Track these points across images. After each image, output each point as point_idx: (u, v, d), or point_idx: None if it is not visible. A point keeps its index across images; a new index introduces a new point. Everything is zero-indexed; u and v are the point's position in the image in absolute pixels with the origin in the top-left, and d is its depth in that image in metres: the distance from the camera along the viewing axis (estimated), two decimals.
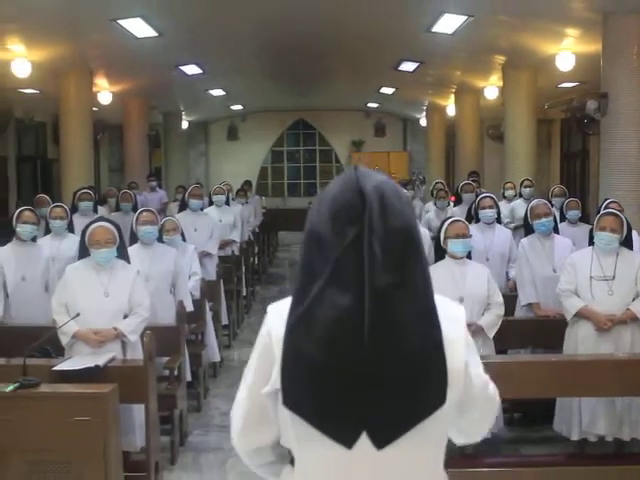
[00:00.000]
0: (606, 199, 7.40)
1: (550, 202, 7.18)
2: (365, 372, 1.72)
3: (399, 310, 1.73)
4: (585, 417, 5.28)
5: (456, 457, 5.25)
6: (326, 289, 1.74)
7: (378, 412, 1.75)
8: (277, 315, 1.87)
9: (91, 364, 4.64)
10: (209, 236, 9.13)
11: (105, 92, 16.05)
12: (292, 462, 1.91)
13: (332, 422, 1.77)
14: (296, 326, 1.77)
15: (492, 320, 5.33)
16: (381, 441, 1.76)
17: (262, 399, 1.86)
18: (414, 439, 1.77)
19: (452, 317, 1.87)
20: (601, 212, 5.63)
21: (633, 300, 5.33)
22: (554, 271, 6.23)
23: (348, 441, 1.76)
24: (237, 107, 24.06)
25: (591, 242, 5.63)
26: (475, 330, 5.24)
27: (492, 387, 2.05)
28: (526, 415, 6.25)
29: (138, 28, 10.43)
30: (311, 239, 1.81)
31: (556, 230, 6.70)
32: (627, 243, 5.50)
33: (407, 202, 1.85)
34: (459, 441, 2.06)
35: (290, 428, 1.83)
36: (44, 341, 4.78)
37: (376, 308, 1.71)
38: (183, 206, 9.77)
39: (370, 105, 24.13)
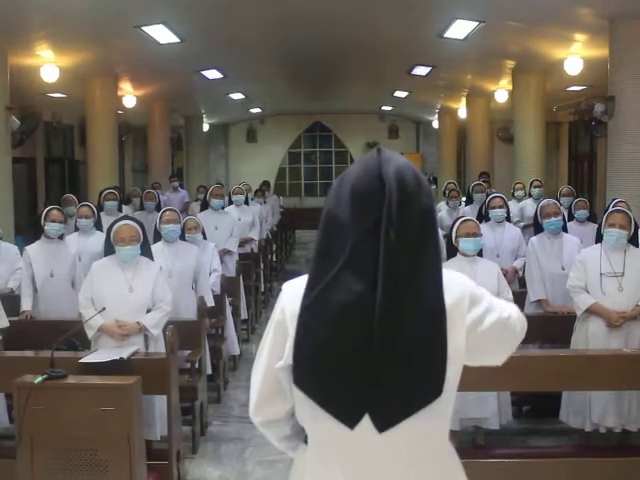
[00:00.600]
0: (614, 199, 7.36)
1: (559, 202, 7.14)
2: (371, 357, 1.72)
3: (408, 299, 1.73)
4: (595, 410, 5.25)
5: (467, 448, 5.26)
6: (341, 274, 1.73)
7: (380, 397, 1.75)
8: (291, 293, 1.87)
9: (116, 357, 4.66)
10: (229, 234, 9.14)
11: (129, 96, 16.10)
12: (306, 440, 1.92)
13: (336, 403, 1.77)
14: (309, 308, 1.77)
15: None
16: (382, 425, 1.77)
17: (276, 373, 1.87)
18: (415, 421, 1.77)
19: (456, 297, 1.84)
20: (609, 211, 5.59)
21: None
22: (562, 269, 6.20)
23: (350, 422, 1.77)
24: (256, 110, 24.07)
25: (598, 240, 5.61)
26: None
27: (513, 321, 1.97)
28: (534, 408, 6.23)
29: (161, 34, 10.46)
30: (329, 223, 1.80)
31: (565, 229, 6.67)
32: (633, 240, 5.47)
33: (426, 187, 1.82)
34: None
35: (303, 404, 1.83)
36: (71, 334, 4.81)
37: (387, 295, 1.70)
38: (205, 205, 9.79)
39: (384, 108, 24.12)
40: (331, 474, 1.86)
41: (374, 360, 1.72)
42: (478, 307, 1.88)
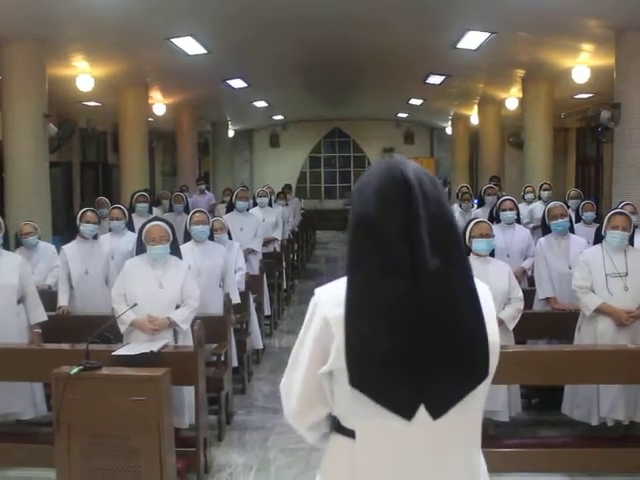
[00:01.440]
0: (622, 201, 7.32)
1: (566, 204, 7.11)
2: (423, 351, 1.73)
3: (450, 292, 1.74)
4: (603, 403, 5.22)
5: None
6: (381, 275, 1.73)
7: (434, 387, 1.76)
8: (330, 300, 1.85)
9: (146, 350, 4.67)
10: (254, 234, 9.16)
11: (159, 104, 16.18)
12: (337, 430, 1.92)
13: (394, 398, 1.77)
14: (355, 310, 1.76)
15: (512, 313, 5.28)
16: (437, 412, 1.78)
17: (318, 379, 1.86)
18: (462, 406, 1.80)
19: (483, 293, 1.86)
20: (610, 213, 5.55)
21: None
22: (569, 268, 6.17)
23: (408, 414, 1.78)
24: (278, 117, 24.09)
25: (597, 240, 5.58)
26: (498, 322, 5.22)
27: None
28: (543, 400, 6.21)
29: (189, 46, 10.50)
30: (359, 227, 1.80)
31: (572, 230, 6.64)
32: (630, 241, 5.44)
33: (441, 188, 1.84)
34: None
35: (351, 404, 1.83)
36: (105, 329, 4.83)
37: (431, 291, 1.71)
38: (231, 207, 9.82)
39: (400, 115, 24.05)
40: (384, 466, 1.86)
41: (424, 352, 1.73)
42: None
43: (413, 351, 1.73)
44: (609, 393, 5.19)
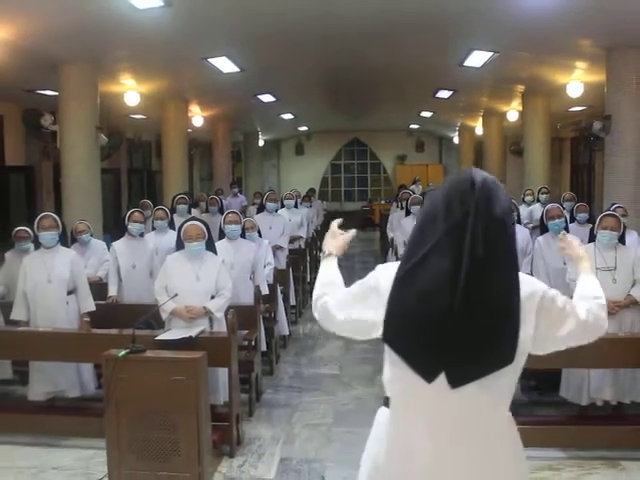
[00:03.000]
0: (614, 203, 7.25)
1: (562, 206, 7.04)
2: (452, 323, 1.74)
3: (488, 278, 1.75)
4: (593, 385, 5.21)
5: None
6: (430, 254, 1.78)
7: (456, 357, 1.77)
8: (386, 271, 1.94)
9: (186, 335, 4.70)
10: (281, 233, 9.17)
11: (197, 116, 16.23)
12: (386, 404, 1.95)
13: (419, 358, 1.80)
14: (403, 279, 1.82)
15: None
16: (455, 382, 1.79)
17: (370, 295, 1.97)
18: (484, 385, 1.80)
19: (529, 292, 1.87)
20: (602, 214, 5.53)
21: (632, 287, 5.25)
22: (564, 264, 6.12)
23: (429, 376, 1.80)
24: (303, 128, 24.10)
25: (591, 239, 5.54)
26: None
27: (586, 312, 2.07)
28: (539, 383, 6.16)
29: (224, 65, 10.52)
30: (424, 220, 1.85)
31: (567, 229, 6.58)
32: (621, 239, 5.41)
33: (506, 195, 1.88)
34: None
35: (388, 364, 1.89)
36: (149, 316, 4.86)
37: (471, 273, 1.73)
38: (261, 208, 9.82)
39: (412, 126, 23.97)
40: (410, 424, 1.89)
41: (454, 325, 1.74)
42: (552, 302, 1.94)
43: (443, 321, 1.74)
44: (598, 376, 5.17)
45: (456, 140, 23.32)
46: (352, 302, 2.03)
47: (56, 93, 10.03)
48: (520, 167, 14.84)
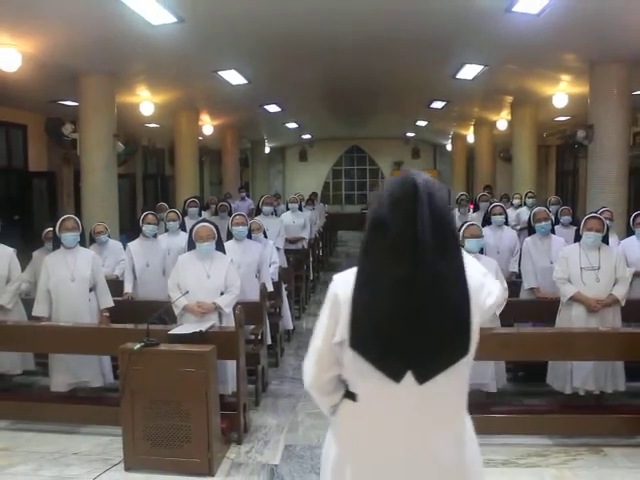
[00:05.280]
0: (602, 207, 7.24)
1: (548, 209, 7.03)
2: (412, 323, 1.73)
3: (442, 279, 1.73)
4: (576, 376, 5.21)
5: (471, 406, 5.21)
6: (386, 262, 1.74)
7: (420, 355, 1.76)
8: (343, 282, 1.88)
9: (196, 329, 4.69)
10: (277, 234, 9.10)
11: (208, 125, 16.24)
12: (348, 396, 1.93)
13: (385, 361, 1.78)
14: (362, 288, 1.79)
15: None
16: (422, 378, 1.78)
17: (332, 345, 1.88)
18: (447, 375, 1.79)
19: (477, 285, 1.86)
20: (586, 216, 5.52)
21: (614, 285, 5.23)
22: (551, 262, 6.12)
23: (397, 376, 1.78)
24: (307, 136, 24.11)
25: (577, 240, 5.53)
26: None
27: (496, 299, 1.99)
28: (528, 374, 6.16)
29: (233, 77, 10.52)
30: (373, 223, 1.80)
31: (553, 231, 6.58)
32: (604, 240, 5.40)
33: (445, 197, 1.85)
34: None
35: (353, 366, 1.84)
36: (162, 312, 4.86)
37: (425, 277, 1.71)
38: (258, 211, 9.76)
39: (408, 134, 23.97)
40: (378, 422, 1.88)
41: (415, 326, 1.73)
42: (489, 297, 1.94)
43: (405, 324, 1.73)
44: (582, 368, 5.17)
45: (449, 147, 23.32)
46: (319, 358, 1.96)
47: (76, 103, 10.04)
48: (509, 172, 14.86)
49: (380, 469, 1.88)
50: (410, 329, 1.73)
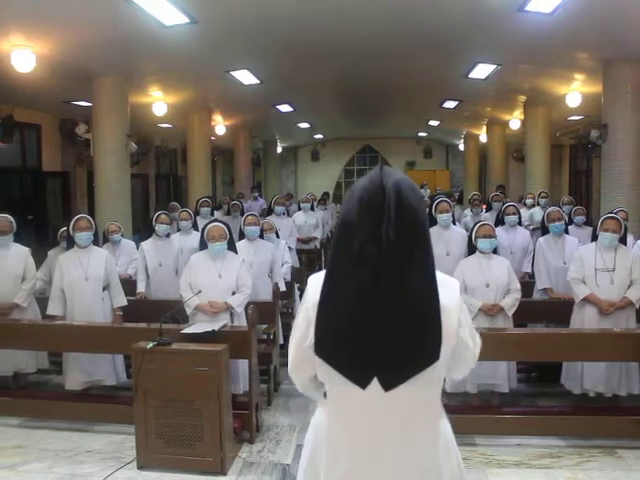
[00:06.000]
0: (617, 207, 7.19)
1: (561, 209, 6.99)
2: (377, 330, 1.69)
3: (407, 285, 1.69)
4: (587, 377, 5.17)
5: (484, 406, 5.19)
6: (351, 268, 1.71)
7: (386, 363, 1.73)
8: (314, 286, 1.86)
9: (209, 329, 4.70)
10: (289, 234, 9.12)
11: (220, 125, 16.27)
12: (325, 395, 1.94)
13: (351, 368, 1.76)
14: (328, 295, 1.76)
15: (511, 302, 5.19)
16: (388, 385, 1.75)
17: (305, 349, 1.87)
18: (415, 383, 1.74)
19: (449, 287, 1.81)
20: (603, 216, 5.45)
21: (628, 287, 5.17)
22: (564, 263, 6.08)
23: (362, 383, 1.76)
24: (319, 136, 24.10)
25: (593, 239, 5.48)
26: (497, 310, 5.16)
27: (477, 346, 1.97)
28: (541, 374, 6.13)
29: (245, 77, 10.53)
30: (342, 227, 1.76)
31: (566, 231, 6.53)
32: (622, 241, 5.33)
33: (419, 197, 1.78)
34: (450, 376, 2.01)
35: (322, 368, 1.83)
36: (174, 311, 4.87)
37: (389, 283, 1.67)
38: (269, 211, 9.78)
39: (420, 134, 23.91)
40: (344, 425, 1.86)
41: (379, 333, 1.69)
42: (467, 325, 1.89)
43: (369, 331, 1.70)
44: (593, 369, 5.13)
45: (462, 147, 23.22)
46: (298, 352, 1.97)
47: (90, 104, 10.10)
48: (522, 172, 14.77)
49: (349, 469, 1.86)
50: (374, 337, 1.70)
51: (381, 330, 1.69)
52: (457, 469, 1.93)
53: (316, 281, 1.87)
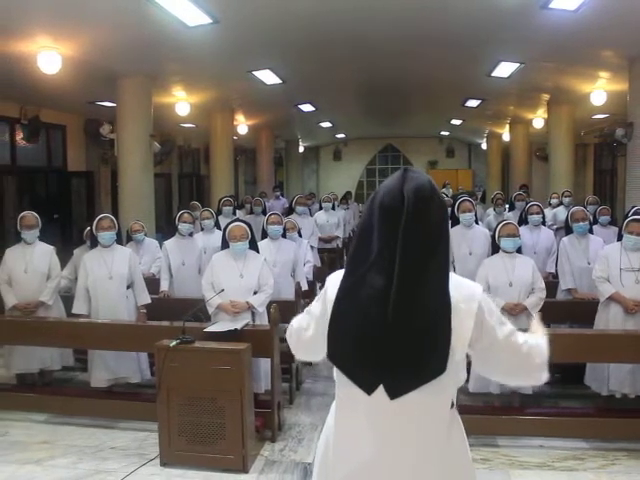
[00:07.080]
0: (634, 206, 7.09)
1: (586, 209, 6.91)
2: (386, 338, 1.69)
3: (419, 293, 1.68)
4: (613, 379, 5.11)
5: (506, 407, 5.15)
6: (368, 273, 1.71)
7: (392, 371, 1.72)
8: (334, 283, 1.86)
9: (232, 328, 4.71)
10: (310, 233, 9.13)
11: (242, 125, 16.33)
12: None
13: (357, 373, 1.76)
14: (342, 298, 1.77)
15: (535, 301, 5.16)
16: (393, 394, 1.74)
17: (305, 340, 2.02)
18: (423, 391, 1.73)
19: (466, 293, 1.79)
20: (629, 218, 5.38)
21: None
22: (588, 263, 6.02)
23: (368, 389, 1.76)
24: (341, 135, 24.08)
25: (619, 239, 5.42)
26: (521, 309, 5.12)
27: (524, 345, 1.93)
28: (564, 376, 6.06)
29: (267, 77, 10.56)
30: (362, 231, 1.78)
31: (590, 231, 6.46)
32: None
33: (439, 201, 1.76)
34: (510, 384, 1.97)
35: (335, 369, 1.85)
36: (197, 310, 4.89)
37: (401, 290, 1.66)
38: (290, 211, 9.79)
39: (442, 133, 23.80)
40: (353, 428, 1.86)
41: (388, 340, 1.69)
42: (492, 317, 1.83)
43: (378, 337, 1.69)
44: (619, 370, 5.07)
45: (484, 146, 23.07)
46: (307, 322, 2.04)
47: (114, 104, 10.20)
48: (545, 172, 14.62)
49: (351, 472, 1.86)
50: (382, 344, 1.69)
51: (389, 339, 1.69)
52: (467, 477, 1.92)
53: (335, 279, 1.88)
